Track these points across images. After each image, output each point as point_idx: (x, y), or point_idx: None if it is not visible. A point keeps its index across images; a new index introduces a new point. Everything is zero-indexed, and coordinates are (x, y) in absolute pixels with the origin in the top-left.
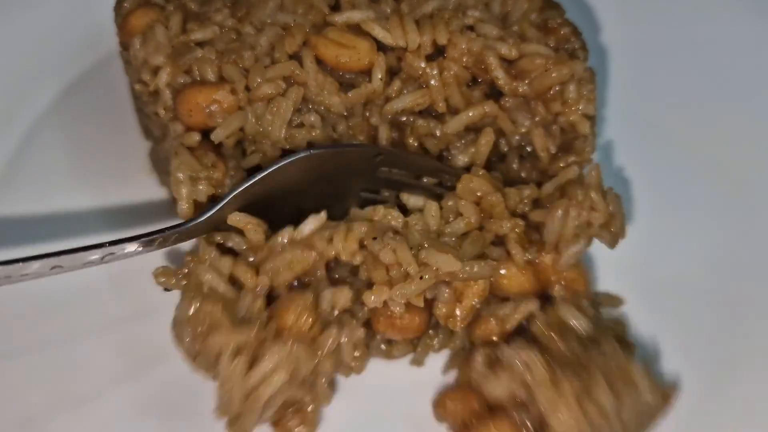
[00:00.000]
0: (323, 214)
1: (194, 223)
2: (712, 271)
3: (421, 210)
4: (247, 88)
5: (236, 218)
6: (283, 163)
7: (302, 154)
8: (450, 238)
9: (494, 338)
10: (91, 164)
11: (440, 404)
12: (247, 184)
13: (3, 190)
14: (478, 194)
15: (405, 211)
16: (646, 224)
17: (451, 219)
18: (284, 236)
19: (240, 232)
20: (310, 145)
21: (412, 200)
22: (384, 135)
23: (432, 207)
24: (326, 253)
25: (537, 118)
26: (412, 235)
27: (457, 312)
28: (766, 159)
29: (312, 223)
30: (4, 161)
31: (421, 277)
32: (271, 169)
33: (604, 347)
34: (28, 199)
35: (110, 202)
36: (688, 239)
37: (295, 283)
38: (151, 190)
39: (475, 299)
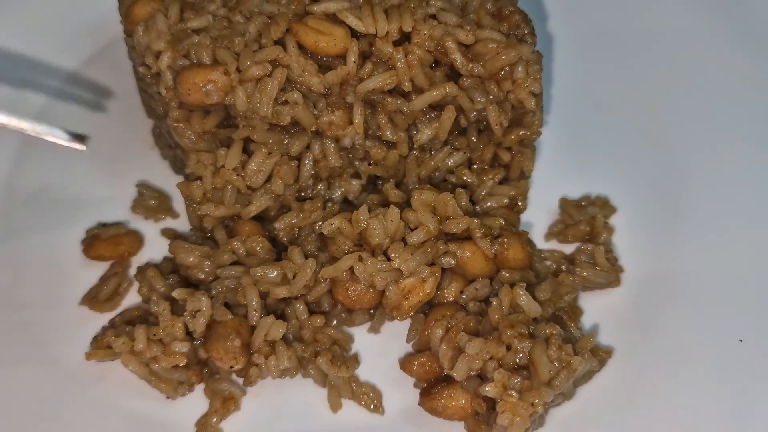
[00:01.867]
0: None
1: None
2: (646, 237)
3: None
4: (238, 70)
5: None
6: None
7: None
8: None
9: (451, 298)
10: (98, 139)
11: (406, 366)
12: None
13: (18, 164)
14: (431, 203)
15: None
16: (589, 191)
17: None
18: None
19: None
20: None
21: (393, 193)
22: (358, 112)
23: (393, 211)
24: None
25: (491, 96)
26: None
27: (404, 303)
28: (697, 129)
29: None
30: (19, 138)
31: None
32: None
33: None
34: (42, 172)
35: (116, 174)
36: (627, 213)
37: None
38: (153, 163)
39: (420, 300)
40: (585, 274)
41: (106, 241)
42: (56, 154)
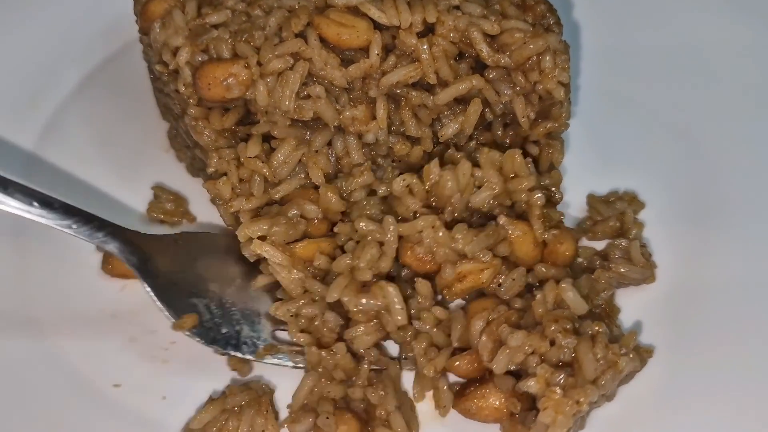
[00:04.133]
0: None
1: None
2: (677, 233)
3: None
4: (259, 64)
5: None
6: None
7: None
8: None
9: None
10: (113, 143)
11: (452, 365)
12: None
13: (31, 168)
14: (498, 162)
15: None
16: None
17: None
18: None
19: None
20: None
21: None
22: (381, 106)
23: (465, 165)
24: None
25: (518, 88)
26: None
27: (457, 285)
28: (724, 123)
29: None
30: (33, 141)
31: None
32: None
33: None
34: (55, 176)
35: (131, 177)
36: (656, 207)
37: None
38: (169, 165)
39: (473, 285)
40: (622, 270)
41: None
42: (69, 158)
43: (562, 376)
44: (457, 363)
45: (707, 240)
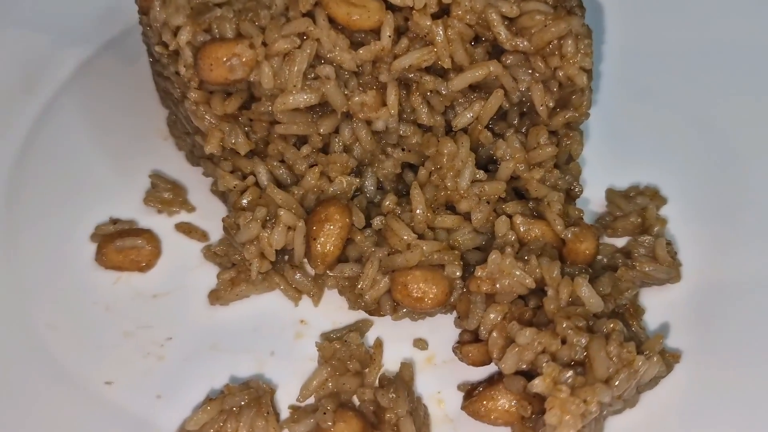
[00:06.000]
0: None
1: None
2: (701, 229)
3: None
4: (264, 44)
5: None
6: None
7: None
8: None
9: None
10: (110, 130)
11: (461, 351)
12: None
13: (26, 155)
14: None
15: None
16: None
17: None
18: None
19: None
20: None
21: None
22: (392, 91)
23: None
24: None
25: (537, 74)
26: None
27: None
28: (749, 116)
29: None
30: (28, 128)
31: None
32: None
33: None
34: (51, 163)
35: (128, 165)
36: (679, 203)
37: None
38: (168, 154)
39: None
40: (647, 269)
41: (122, 253)
42: (65, 145)
43: (570, 374)
44: (470, 352)
45: (733, 237)
